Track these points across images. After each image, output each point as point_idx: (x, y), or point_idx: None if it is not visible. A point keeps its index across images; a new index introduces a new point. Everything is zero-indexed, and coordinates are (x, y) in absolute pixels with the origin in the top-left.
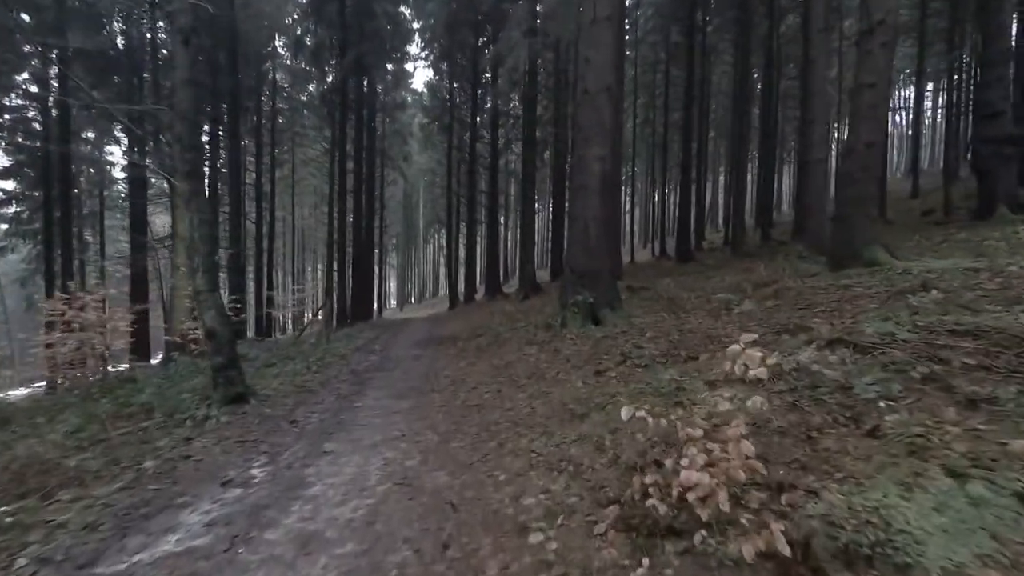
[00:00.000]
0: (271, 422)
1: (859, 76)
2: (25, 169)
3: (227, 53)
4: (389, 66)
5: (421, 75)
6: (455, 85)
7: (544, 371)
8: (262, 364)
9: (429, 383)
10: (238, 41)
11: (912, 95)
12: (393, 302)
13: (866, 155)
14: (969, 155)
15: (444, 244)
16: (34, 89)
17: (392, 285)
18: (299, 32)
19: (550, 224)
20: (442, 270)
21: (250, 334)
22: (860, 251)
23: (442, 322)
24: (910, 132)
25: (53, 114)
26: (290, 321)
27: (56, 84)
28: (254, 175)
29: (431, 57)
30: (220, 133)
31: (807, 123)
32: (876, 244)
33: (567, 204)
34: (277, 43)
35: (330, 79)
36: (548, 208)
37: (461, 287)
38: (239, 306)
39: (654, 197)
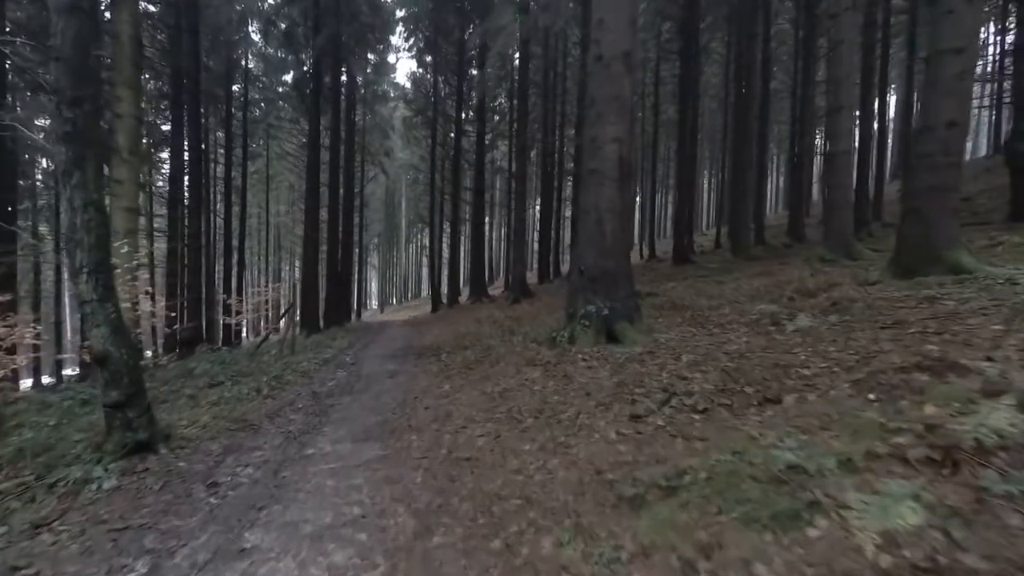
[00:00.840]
0: (179, 486)
1: (937, 40)
2: None
3: (187, 23)
4: (370, 56)
5: (404, 67)
6: (440, 77)
7: (556, 407)
8: (206, 384)
9: (405, 415)
10: (198, 12)
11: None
12: (374, 303)
13: (948, 136)
14: (1004, 148)
15: (427, 244)
16: None
17: (373, 286)
18: (271, 15)
19: (537, 224)
20: (424, 271)
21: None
22: (940, 253)
23: (423, 327)
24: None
25: None
26: (258, 328)
27: None
28: (223, 168)
29: (415, 48)
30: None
31: (834, 111)
32: (960, 245)
33: (577, 194)
34: (251, 28)
35: (306, 68)
36: (535, 208)
37: (444, 289)
38: (173, 314)
39: (641, 197)
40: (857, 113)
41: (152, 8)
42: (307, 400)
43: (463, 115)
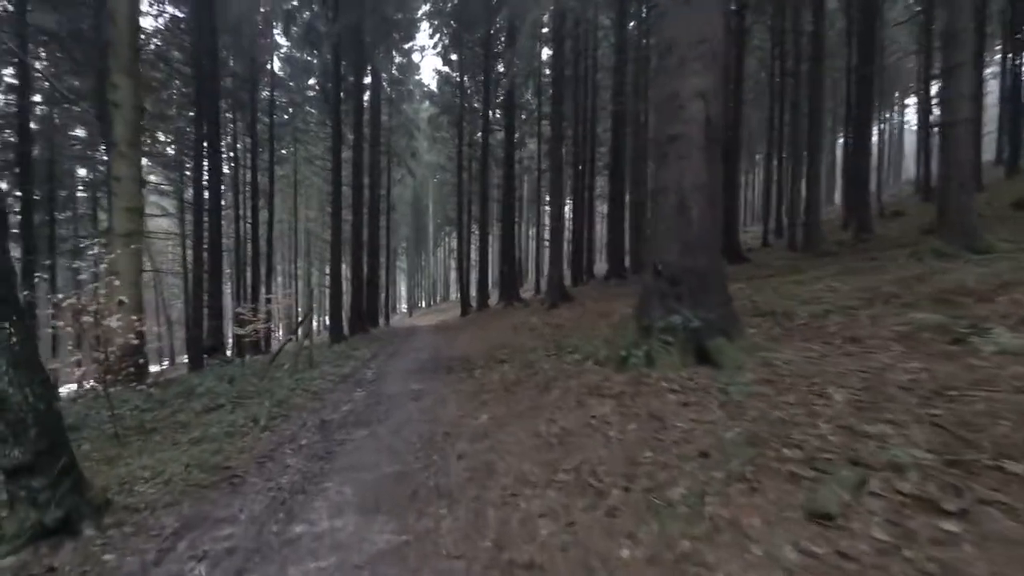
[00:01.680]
0: None
1: None
2: None
3: (205, 21)
4: (396, 56)
5: (428, 65)
6: (466, 74)
7: (655, 474)
8: (203, 408)
9: (432, 464)
10: (213, 10)
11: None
12: (403, 306)
13: None
14: None
15: (455, 246)
16: None
17: (402, 289)
18: (292, 9)
19: (569, 223)
20: (453, 274)
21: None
22: None
23: (453, 334)
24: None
25: None
26: (278, 336)
27: None
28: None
29: (440, 45)
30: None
31: (953, 69)
32: None
33: (617, 185)
34: (276, 31)
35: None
36: (565, 206)
37: (473, 292)
38: (141, 329)
39: None
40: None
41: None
42: (312, 434)
43: (490, 113)
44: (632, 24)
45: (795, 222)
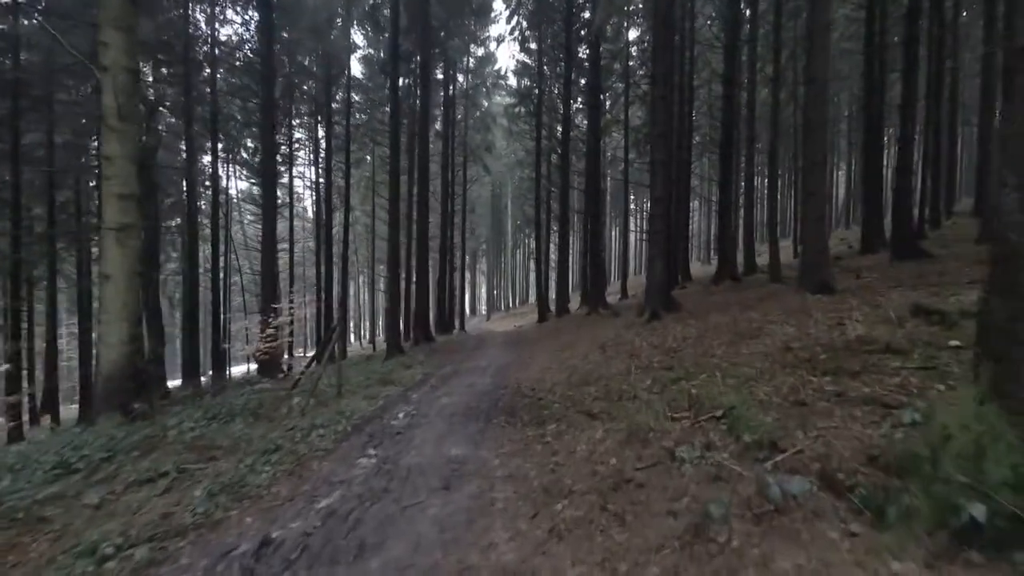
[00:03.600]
0: None
1: None
2: None
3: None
4: (471, 46)
5: (504, 52)
6: (544, 59)
7: None
8: (149, 474)
9: None
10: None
11: None
12: (483, 309)
13: None
14: None
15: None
16: None
17: (482, 292)
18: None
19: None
20: (532, 276)
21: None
22: None
23: (526, 348)
24: None
25: None
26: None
27: None
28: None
29: (517, 30)
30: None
31: None
32: None
33: (728, 170)
34: (353, 29)
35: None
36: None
37: (552, 295)
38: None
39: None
40: None
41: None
42: (246, 560)
43: (572, 100)
44: None
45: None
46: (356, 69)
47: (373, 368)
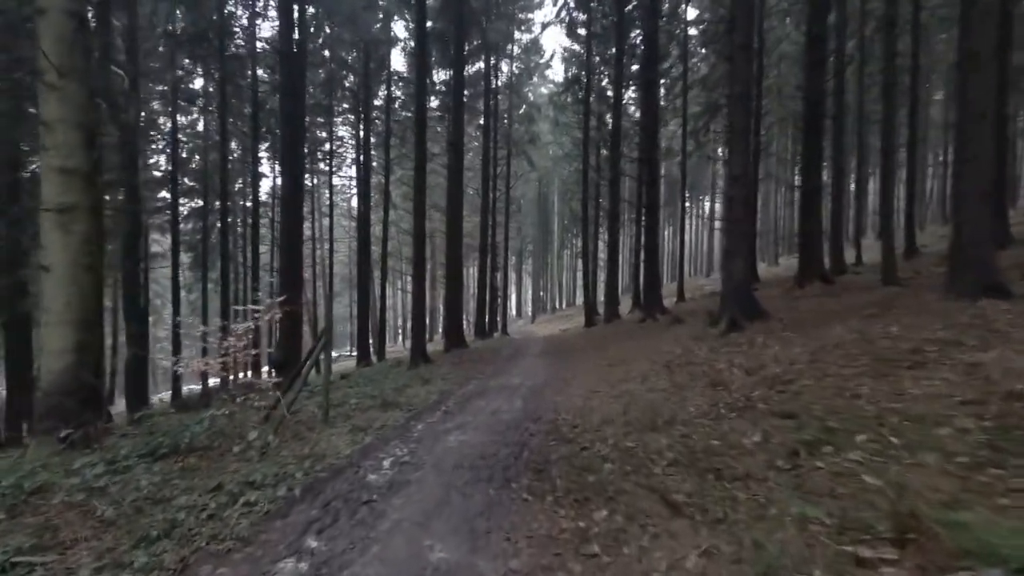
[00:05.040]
0: None
1: None
2: None
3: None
4: (515, 32)
5: (551, 41)
6: (593, 42)
7: None
8: None
9: None
10: None
11: None
12: (528, 310)
13: None
14: None
15: (580, 247)
16: None
17: (528, 293)
18: None
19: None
20: (579, 277)
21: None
22: None
23: (571, 359)
24: None
25: None
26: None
27: None
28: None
29: (564, 12)
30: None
31: None
32: None
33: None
34: (393, 23)
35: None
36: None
37: (599, 297)
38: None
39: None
40: None
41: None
42: None
43: (624, 83)
44: None
45: None
46: (398, 63)
47: (387, 381)
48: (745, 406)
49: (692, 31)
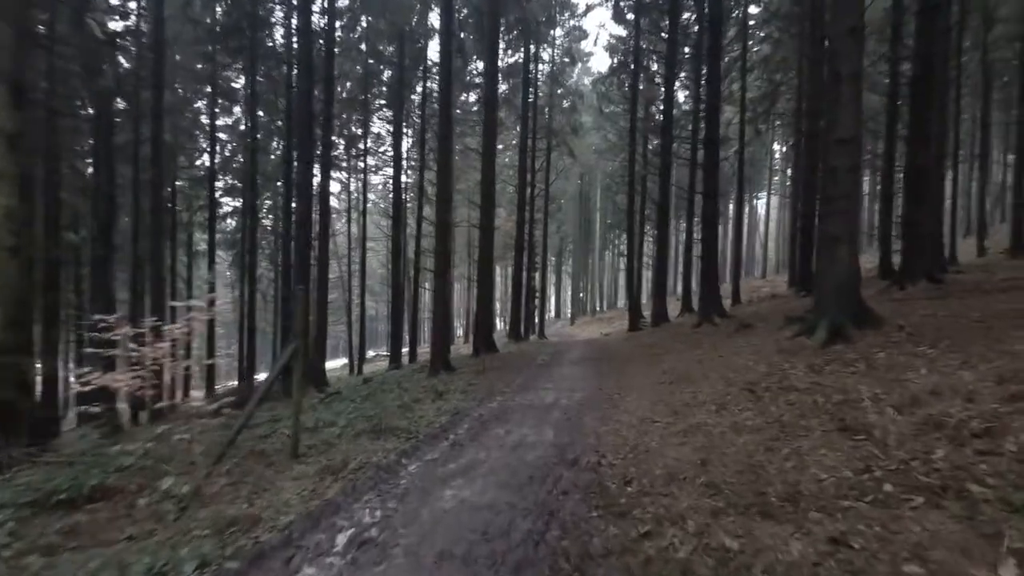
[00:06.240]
0: None
1: None
2: None
3: None
4: (560, 18)
5: (594, 26)
6: (642, 24)
7: None
8: None
9: None
10: None
11: None
12: (568, 311)
13: None
14: None
15: (624, 248)
16: None
17: (567, 294)
18: None
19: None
20: (621, 277)
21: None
22: None
23: (615, 370)
24: None
25: None
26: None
27: None
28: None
29: None
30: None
31: None
32: None
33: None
34: (430, 15)
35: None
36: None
37: (644, 299)
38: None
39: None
40: None
41: None
42: None
43: (676, 68)
44: None
45: None
46: (436, 57)
47: (397, 394)
48: (927, 480)
49: (753, 8)
